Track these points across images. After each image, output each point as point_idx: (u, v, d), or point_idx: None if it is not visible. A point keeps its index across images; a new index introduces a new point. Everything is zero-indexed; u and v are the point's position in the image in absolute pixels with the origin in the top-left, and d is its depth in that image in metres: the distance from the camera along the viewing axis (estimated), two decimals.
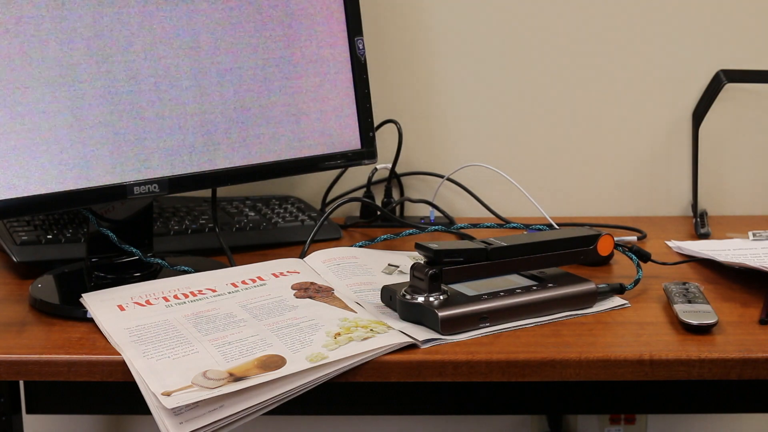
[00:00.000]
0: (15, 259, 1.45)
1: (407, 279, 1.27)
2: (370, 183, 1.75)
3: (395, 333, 1.20)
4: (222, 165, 1.39)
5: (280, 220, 1.64)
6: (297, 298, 1.30)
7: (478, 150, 1.78)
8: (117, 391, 1.76)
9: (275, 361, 1.13)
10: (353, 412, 1.93)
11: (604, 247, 1.35)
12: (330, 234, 1.63)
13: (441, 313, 1.20)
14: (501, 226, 1.61)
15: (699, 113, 1.75)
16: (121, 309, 1.26)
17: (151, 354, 1.15)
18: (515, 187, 1.67)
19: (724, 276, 1.43)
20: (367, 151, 1.52)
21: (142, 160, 1.32)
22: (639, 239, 1.62)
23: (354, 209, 1.77)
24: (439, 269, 1.23)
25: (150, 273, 1.39)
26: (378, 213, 1.70)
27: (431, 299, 1.23)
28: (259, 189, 1.76)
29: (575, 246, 1.34)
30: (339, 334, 1.19)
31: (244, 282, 1.34)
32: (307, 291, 1.32)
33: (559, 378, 1.17)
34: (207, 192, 1.50)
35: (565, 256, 1.33)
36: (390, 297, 1.27)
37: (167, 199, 1.67)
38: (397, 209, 1.77)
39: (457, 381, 1.17)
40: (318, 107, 1.47)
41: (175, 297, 1.29)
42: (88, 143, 1.28)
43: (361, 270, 1.40)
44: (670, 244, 1.59)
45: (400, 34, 1.76)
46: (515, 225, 1.60)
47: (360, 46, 1.51)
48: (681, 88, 1.77)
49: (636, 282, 1.37)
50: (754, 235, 1.59)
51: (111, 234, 1.36)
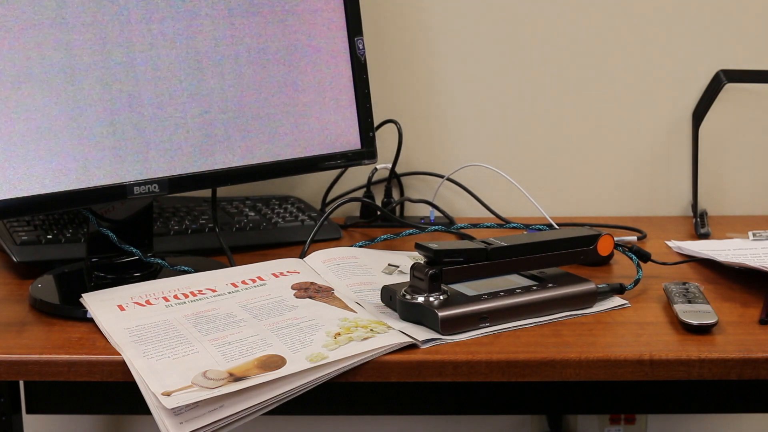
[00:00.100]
0: (15, 259, 1.45)
1: (407, 279, 1.27)
2: (370, 183, 1.75)
3: (395, 333, 1.20)
4: (222, 165, 1.39)
5: (280, 220, 1.64)
6: (297, 298, 1.30)
7: (478, 150, 1.78)
8: (117, 391, 1.76)
9: (275, 361, 1.13)
10: (353, 412, 1.92)
11: (604, 247, 1.35)
12: (330, 234, 1.63)
13: (441, 313, 1.20)
14: (501, 226, 1.61)
15: (699, 113, 1.75)
16: (121, 309, 1.26)
17: (151, 354, 1.15)
18: (515, 187, 1.67)
19: (724, 276, 1.43)
20: (367, 151, 1.52)
21: (142, 160, 1.32)
22: (639, 239, 1.62)
23: (354, 209, 1.77)
24: (439, 269, 1.23)
25: (150, 273, 1.39)
26: (378, 213, 1.70)
27: (431, 299, 1.23)
28: (259, 189, 1.76)
29: (575, 246, 1.34)
30: (339, 334, 1.19)
31: (244, 282, 1.34)
32: (307, 291, 1.32)
33: (559, 378, 1.17)
34: (207, 192, 1.50)
35: (565, 256, 1.33)
36: (390, 297, 1.27)
37: (167, 199, 1.67)
38: (397, 209, 1.77)
39: (457, 381, 1.16)
40: (318, 107, 1.47)
41: (175, 297, 1.29)
42: (88, 143, 1.28)
43: (361, 270, 1.40)
44: (670, 244, 1.59)
45: (400, 34, 1.76)
46: (515, 225, 1.59)
47: (360, 46, 1.51)
48: (681, 88, 1.77)
49: (636, 282, 1.37)
50: (754, 235, 1.59)
51: (111, 234, 1.36)
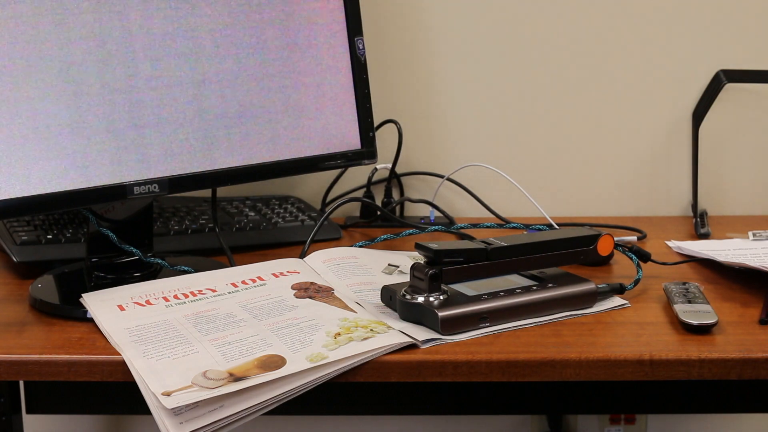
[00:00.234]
0: (15, 259, 1.45)
1: (407, 279, 1.27)
2: (370, 183, 1.75)
3: (395, 333, 1.20)
4: (222, 165, 1.39)
5: (280, 220, 1.64)
6: (297, 298, 1.30)
7: (478, 150, 1.78)
8: (117, 391, 1.76)
9: (275, 361, 1.13)
10: (353, 412, 1.92)
11: (604, 247, 1.35)
12: (330, 234, 1.63)
13: (441, 313, 1.20)
14: (501, 226, 1.61)
15: (699, 113, 1.75)
16: (121, 309, 1.26)
17: (151, 354, 1.15)
18: (515, 187, 1.67)
19: (724, 276, 1.43)
20: (367, 151, 1.52)
21: (142, 160, 1.32)
22: (639, 239, 1.62)
23: (354, 209, 1.77)
24: (439, 269, 1.23)
25: (150, 273, 1.39)
26: (378, 213, 1.70)
27: (431, 299, 1.23)
28: (259, 189, 1.76)
29: (575, 246, 1.34)
30: (339, 334, 1.19)
31: (244, 282, 1.34)
32: (307, 291, 1.32)
33: (559, 378, 1.17)
34: (207, 192, 1.50)
35: (565, 256, 1.33)
36: (390, 297, 1.27)
37: (167, 199, 1.67)
38: (397, 209, 1.77)
39: (457, 381, 1.16)
40: (318, 107, 1.47)
41: (175, 297, 1.29)
42: (88, 143, 1.28)
43: (361, 270, 1.40)
44: (670, 244, 1.59)
45: (400, 34, 1.76)
46: (515, 225, 1.59)
47: (360, 46, 1.51)
48: (681, 88, 1.77)
49: (636, 282, 1.36)
50: (754, 235, 1.59)
51: (111, 234, 1.36)
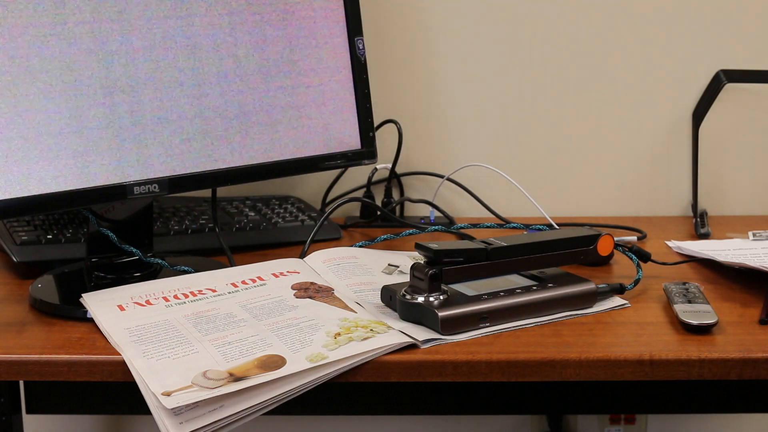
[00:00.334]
0: (15, 259, 1.45)
1: (407, 279, 1.27)
2: (370, 183, 1.75)
3: (395, 333, 1.20)
4: (222, 165, 1.39)
5: (280, 220, 1.64)
6: (297, 298, 1.30)
7: (478, 150, 1.78)
8: (117, 391, 1.76)
9: (275, 361, 1.13)
10: (353, 412, 1.92)
11: (604, 247, 1.35)
12: (330, 234, 1.63)
13: (441, 313, 1.20)
14: (501, 226, 1.61)
15: (699, 113, 1.75)
16: (121, 309, 1.26)
17: (151, 354, 1.15)
18: (515, 187, 1.67)
19: (724, 276, 1.43)
20: (367, 151, 1.52)
21: (142, 160, 1.32)
22: (639, 239, 1.62)
23: (354, 209, 1.77)
24: (439, 269, 1.23)
25: (150, 273, 1.39)
26: (378, 213, 1.70)
27: (431, 299, 1.23)
28: (259, 189, 1.76)
29: (575, 246, 1.34)
30: (339, 334, 1.19)
31: (244, 282, 1.34)
32: (307, 291, 1.32)
33: (559, 378, 1.17)
34: (207, 192, 1.50)
35: (565, 256, 1.33)
36: (390, 297, 1.27)
37: (167, 199, 1.67)
38: (397, 209, 1.77)
39: (457, 381, 1.16)
40: (318, 107, 1.47)
41: (175, 297, 1.29)
42: (88, 143, 1.28)
43: (361, 270, 1.40)
44: (670, 244, 1.59)
45: (400, 34, 1.76)
46: (515, 225, 1.59)
47: (360, 46, 1.51)
48: (681, 88, 1.77)
49: (636, 282, 1.36)
50: (754, 235, 1.59)
51: (111, 234, 1.36)
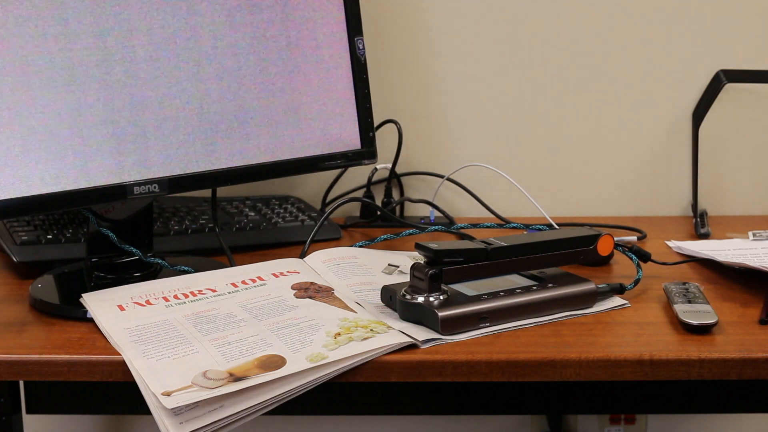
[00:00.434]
0: (15, 259, 1.45)
1: (407, 279, 1.27)
2: (370, 183, 1.75)
3: (395, 333, 1.20)
4: (222, 165, 1.39)
5: (280, 220, 1.64)
6: (297, 298, 1.30)
7: (478, 150, 1.78)
8: (117, 391, 1.76)
9: (275, 361, 1.13)
10: (353, 412, 1.92)
11: (604, 247, 1.35)
12: (330, 234, 1.63)
13: (441, 313, 1.20)
14: (501, 226, 1.61)
15: (699, 113, 1.75)
16: (121, 309, 1.26)
17: (151, 354, 1.15)
18: (515, 187, 1.67)
19: (724, 276, 1.43)
20: (367, 151, 1.52)
21: (142, 160, 1.32)
22: (639, 239, 1.62)
23: (354, 209, 1.77)
24: (439, 269, 1.23)
25: (150, 273, 1.39)
26: (378, 213, 1.70)
27: (431, 299, 1.23)
28: (259, 189, 1.76)
29: (575, 246, 1.34)
30: (339, 334, 1.19)
31: (244, 282, 1.34)
32: (307, 291, 1.32)
33: (559, 378, 1.17)
34: (207, 192, 1.50)
35: (565, 256, 1.33)
36: (390, 297, 1.27)
37: (167, 199, 1.67)
38: (397, 209, 1.77)
39: (457, 381, 1.16)
40: (318, 107, 1.47)
41: (175, 297, 1.29)
42: (88, 143, 1.28)
43: (361, 270, 1.40)
44: (670, 244, 1.59)
45: (400, 34, 1.76)
46: (515, 225, 1.59)
47: (360, 46, 1.51)
48: (681, 88, 1.77)
49: (636, 282, 1.36)
50: (754, 235, 1.59)
51: (111, 234, 1.36)
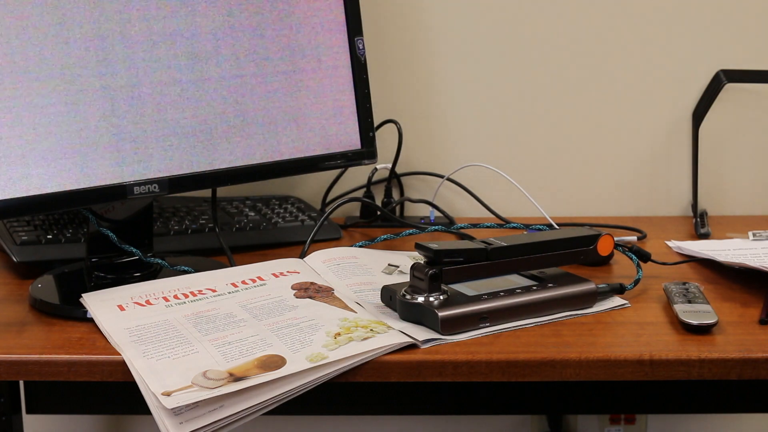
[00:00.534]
0: (15, 259, 1.45)
1: (407, 279, 1.27)
2: (370, 183, 1.75)
3: (395, 333, 1.20)
4: (222, 165, 1.39)
5: (280, 220, 1.64)
6: (297, 298, 1.30)
7: (478, 150, 1.78)
8: (117, 391, 1.76)
9: (275, 361, 1.13)
10: (353, 412, 1.92)
11: (604, 247, 1.35)
12: (330, 234, 1.63)
13: (441, 313, 1.20)
14: (501, 226, 1.61)
15: (699, 113, 1.75)
16: (121, 309, 1.26)
17: (151, 354, 1.15)
18: (515, 187, 1.67)
19: (724, 276, 1.43)
20: (367, 151, 1.52)
21: (142, 160, 1.32)
22: (639, 239, 1.62)
23: (354, 209, 1.77)
24: (439, 269, 1.23)
25: (150, 273, 1.39)
26: (378, 213, 1.70)
27: (431, 299, 1.23)
28: (259, 189, 1.76)
29: (575, 246, 1.34)
30: (339, 334, 1.19)
31: (244, 282, 1.34)
32: (307, 291, 1.32)
33: (559, 378, 1.17)
34: (207, 192, 1.50)
35: (565, 256, 1.33)
36: (390, 297, 1.27)
37: (167, 199, 1.67)
38: (397, 209, 1.77)
39: (457, 381, 1.16)
40: (318, 107, 1.47)
41: (175, 297, 1.29)
42: (88, 143, 1.28)
43: (361, 270, 1.40)
44: (670, 244, 1.59)
45: (400, 34, 1.76)
46: (515, 225, 1.59)
47: (360, 46, 1.51)
48: (681, 88, 1.77)
49: (636, 282, 1.36)
50: (754, 235, 1.59)
51: (111, 234, 1.36)
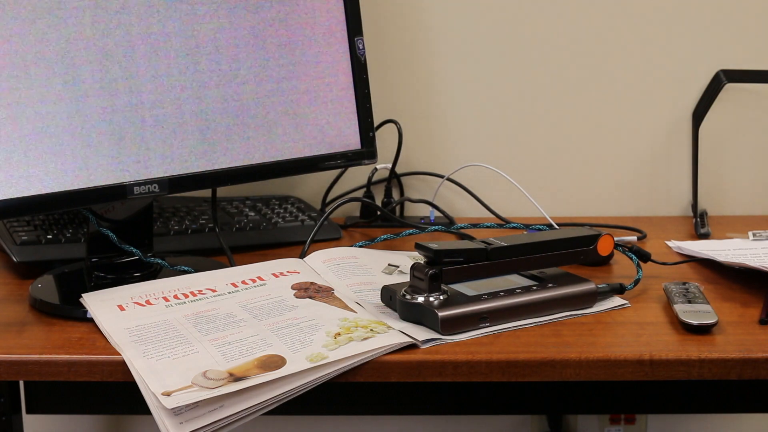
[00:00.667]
0: (15, 259, 1.45)
1: (407, 279, 1.27)
2: (370, 183, 1.75)
3: (395, 333, 1.20)
4: (222, 165, 1.39)
5: (280, 220, 1.64)
6: (297, 298, 1.30)
7: (478, 150, 1.78)
8: (117, 391, 1.76)
9: (275, 361, 1.13)
10: (353, 412, 1.92)
11: (604, 247, 1.35)
12: (330, 234, 1.63)
13: (441, 313, 1.20)
14: (501, 226, 1.61)
15: (699, 113, 1.75)
16: (121, 309, 1.26)
17: (151, 354, 1.15)
18: (515, 187, 1.67)
19: (724, 276, 1.43)
20: (367, 151, 1.52)
21: (142, 160, 1.32)
22: (639, 239, 1.62)
23: (354, 209, 1.77)
24: (439, 269, 1.23)
25: (150, 273, 1.39)
26: (378, 213, 1.70)
27: (431, 299, 1.23)
28: (259, 189, 1.76)
29: (575, 246, 1.34)
30: (339, 334, 1.19)
31: (244, 282, 1.34)
32: (307, 291, 1.32)
33: (559, 378, 1.17)
34: (207, 192, 1.50)
35: (565, 256, 1.33)
36: (390, 297, 1.27)
37: (167, 199, 1.67)
38: (397, 209, 1.77)
39: (457, 381, 1.16)
40: (318, 107, 1.47)
41: (175, 297, 1.29)
42: (88, 143, 1.28)
43: (361, 270, 1.40)
44: (670, 244, 1.59)
45: (400, 34, 1.76)
46: (515, 225, 1.59)
47: (360, 46, 1.51)
48: (681, 88, 1.77)
49: (636, 282, 1.36)
50: (754, 235, 1.59)
51: (111, 234, 1.36)
